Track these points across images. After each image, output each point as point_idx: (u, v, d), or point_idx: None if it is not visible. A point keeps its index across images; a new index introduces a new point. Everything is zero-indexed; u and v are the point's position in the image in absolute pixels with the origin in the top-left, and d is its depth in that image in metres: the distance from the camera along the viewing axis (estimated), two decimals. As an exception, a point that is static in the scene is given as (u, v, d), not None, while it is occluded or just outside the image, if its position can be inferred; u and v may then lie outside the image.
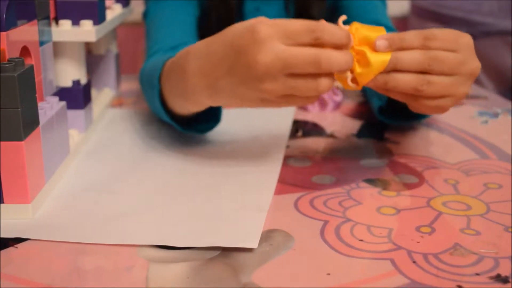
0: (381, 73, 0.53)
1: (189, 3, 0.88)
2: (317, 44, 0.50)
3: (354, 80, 0.53)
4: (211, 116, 0.67)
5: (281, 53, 0.49)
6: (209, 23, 0.90)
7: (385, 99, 0.71)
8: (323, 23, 0.50)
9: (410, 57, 0.52)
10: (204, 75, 0.55)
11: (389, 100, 0.70)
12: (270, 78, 0.50)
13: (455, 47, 0.53)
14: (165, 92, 0.63)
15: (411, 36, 0.53)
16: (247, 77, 0.51)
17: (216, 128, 0.71)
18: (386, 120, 0.71)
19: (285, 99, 0.52)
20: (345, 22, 0.54)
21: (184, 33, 0.84)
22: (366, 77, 0.53)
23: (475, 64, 0.54)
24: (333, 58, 0.49)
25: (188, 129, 0.66)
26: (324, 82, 0.50)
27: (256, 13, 0.60)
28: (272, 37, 0.49)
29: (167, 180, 0.57)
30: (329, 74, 0.50)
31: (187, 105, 0.60)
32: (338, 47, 0.50)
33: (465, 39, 0.54)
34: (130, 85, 0.94)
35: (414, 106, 0.57)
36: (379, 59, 0.52)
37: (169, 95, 0.62)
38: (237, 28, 0.52)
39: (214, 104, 0.57)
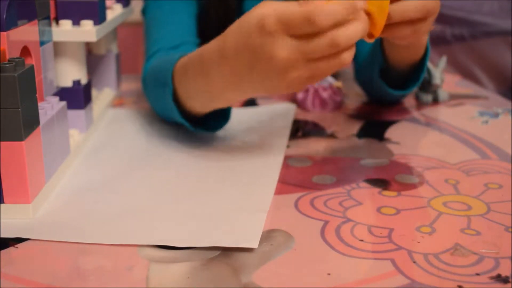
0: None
1: (188, 1, 0.88)
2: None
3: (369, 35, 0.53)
4: (220, 114, 0.67)
5: (296, 46, 0.49)
6: (209, 21, 0.90)
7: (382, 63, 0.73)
8: (316, 5, 0.48)
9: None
10: (226, 77, 0.55)
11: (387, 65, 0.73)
12: (292, 68, 0.50)
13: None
14: (180, 91, 0.63)
15: None
16: (269, 71, 0.51)
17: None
18: (385, 84, 0.73)
19: (311, 79, 0.53)
20: None
21: (184, 32, 0.84)
22: (380, 25, 0.52)
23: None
24: (350, 33, 0.49)
25: (197, 128, 0.66)
26: (345, 55, 0.50)
27: None
28: (281, 32, 0.49)
29: (168, 180, 0.57)
30: (350, 46, 0.50)
31: (215, 104, 0.61)
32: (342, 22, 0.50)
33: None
34: (131, 85, 0.94)
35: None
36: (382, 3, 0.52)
37: (186, 94, 0.62)
38: (244, 27, 0.52)
39: (244, 98, 0.57)
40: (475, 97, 0.89)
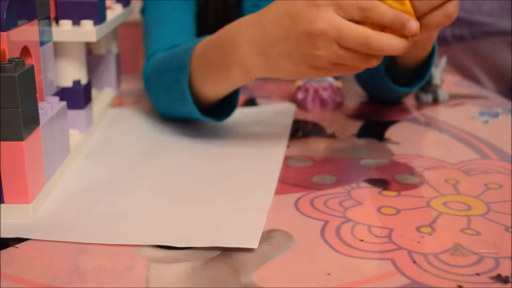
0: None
1: (187, 1, 0.88)
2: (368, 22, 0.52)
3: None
4: (227, 104, 0.69)
5: (336, 23, 0.51)
6: (207, 21, 0.90)
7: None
8: (376, 3, 0.51)
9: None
10: (256, 43, 0.57)
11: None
12: (324, 44, 0.52)
13: None
14: (195, 74, 0.64)
15: None
16: (302, 42, 0.53)
17: (216, 128, 0.71)
18: (391, 81, 0.73)
19: (336, 67, 0.54)
20: None
21: (184, 31, 0.84)
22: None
23: None
24: (384, 43, 0.51)
25: (205, 116, 0.67)
26: (373, 61, 0.53)
27: (255, 9, 0.61)
28: (328, 5, 0.51)
29: (168, 180, 0.57)
30: (380, 54, 0.52)
31: (231, 79, 0.62)
32: (390, 27, 0.51)
33: None
34: (131, 85, 0.94)
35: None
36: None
37: (200, 76, 0.64)
38: None
39: (262, 74, 0.59)
40: (475, 97, 0.89)
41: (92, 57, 0.83)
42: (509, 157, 0.63)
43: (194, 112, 0.66)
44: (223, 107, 0.69)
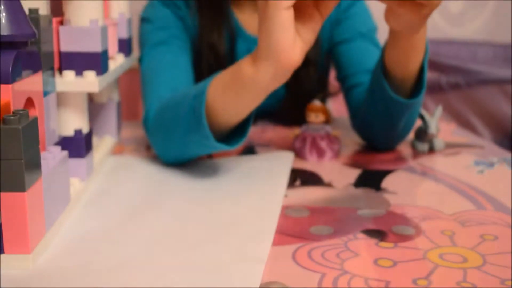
0: None
1: (184, 48, 0.90)
2: None
3: None
4: (239, 132, 0.71)
5: None
6: (201, 71, 0.92)
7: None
8: None
9: None
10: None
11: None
12: None
13: None
14: (212, 99, 0.66)
15: None
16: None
17: (214, 177, 0.72)
18: (388, 88, 0.75)
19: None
20: (344, 67, 0.56)
21: (184, 78, 0.85)
22: None
23: None
24: None
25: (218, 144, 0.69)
26: None
27: (248, 53, 0.64)
28: None
29: (167, 229, 0.58)
30: None
31: (252, 96, 0.65)
32: None
33: None
34: (131, 132, 0.95)
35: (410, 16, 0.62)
36: None
37: (218, 99, 0.66)
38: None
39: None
40: (471, 146, 0.90)
41: (93, 105, 0.84)
42: (504, 208, 0.64)
43: (208, 139, 0.67)
44: (234, 137, 0.71)
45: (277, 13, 0.59)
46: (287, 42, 0.59)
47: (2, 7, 0.51)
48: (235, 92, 0.65)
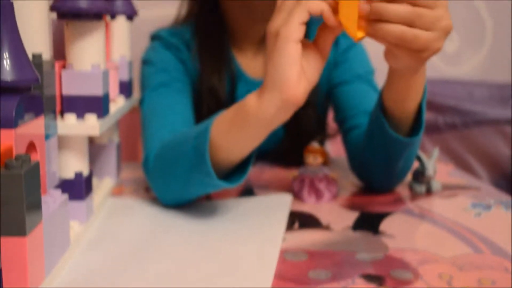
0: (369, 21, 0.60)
1: (185, 90, 0.91)
2: None
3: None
4: (240, 170, 0.71)
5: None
6: (202, 115, 0.93)
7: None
8: None
9: (396, 9, 0.59)
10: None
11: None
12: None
13: (433, 5, 0.59)
14: (214, 137, 0.68)
15: None
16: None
17: (212, 219, 0.72)
18: (387, 124, 0.75)
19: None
20: (342, 108, 0.57)
21: (185, 120, 0.86)
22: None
23: (449, 21, 0.61)
24: None
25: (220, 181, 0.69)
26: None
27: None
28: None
29: (165, 273, 0.58)
30: None
31: (255, 130, 0.66)
32: None
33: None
34: (130, 173, 0.95)
35: (398, 57, 0.63)
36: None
37: (221, 136, 0.67)
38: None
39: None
40: (468, 187, 0.90)
41: (93, 146, 0.85)
42: (501, 251, 0.64)
43: (210, 177, 0.68)
44: (234, 175, 0.72)
45: (287, 46, 0.60)
46: (293, 75, 0.61)
47: (7, 52, 0.52)
48: (239, 127, 0.66)
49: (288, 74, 0.61)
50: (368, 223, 0.73)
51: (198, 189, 0.73)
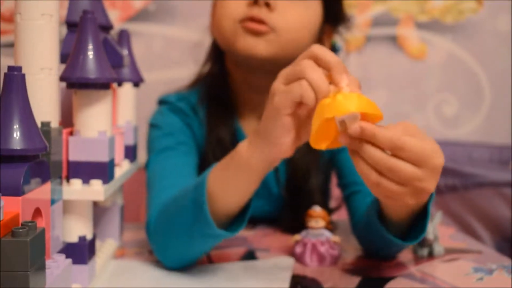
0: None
1: (190, 153, 0.93)
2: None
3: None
4: (238, 219, 0.74)
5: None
6: (208, 163, 0.94)
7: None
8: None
9: (373, 153, 0.59)
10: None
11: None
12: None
13: (421, 164, 0.58)
14: (212, 188, 0.71)
15: (384, 138, 0.58)
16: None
17: (214, 282, 0.73)
18: (385, 229, 0.75)
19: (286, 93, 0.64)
20: (344, 174, 0.58)
21: (188, 182, 0.87)
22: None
23: (432, 185, 0.60)
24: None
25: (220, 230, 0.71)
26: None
27: None
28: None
29: None
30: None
31: (249, 173, 0.70)
32: None
33: (435, 161, 0.59)
34: (133, 234, 0.96)
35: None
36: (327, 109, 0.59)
37: (218, 185, 0.70)
38: None
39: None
40: (470, 251, 0.90)
41: (97, 209, 0.85)
42: (504, 319, 0.64)
43: (210, 226, 0.70)
44: (233, 224, 0.74)
45: (278, 115, 0.64)
46: (283, 141, 0.65)
47: (18, 121, 0.53)
48: (233, 173, 0.70)
49: (278, 138, 0.65)
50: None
51: (199, 242, 0.74)
